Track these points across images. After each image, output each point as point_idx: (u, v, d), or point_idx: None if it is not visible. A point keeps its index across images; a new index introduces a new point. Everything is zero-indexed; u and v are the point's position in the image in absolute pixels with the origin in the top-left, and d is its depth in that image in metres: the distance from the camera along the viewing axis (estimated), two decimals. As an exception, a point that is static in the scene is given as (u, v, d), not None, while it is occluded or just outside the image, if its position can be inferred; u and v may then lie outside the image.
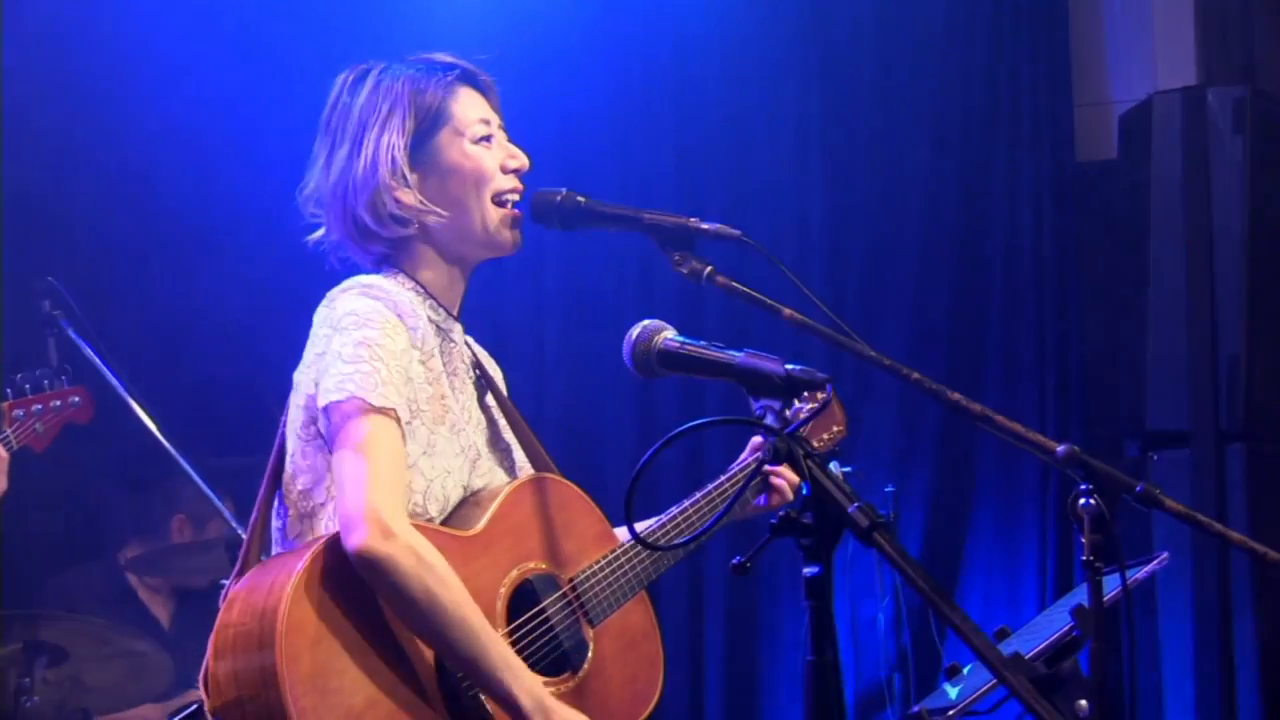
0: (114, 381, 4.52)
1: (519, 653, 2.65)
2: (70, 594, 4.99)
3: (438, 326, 2.80)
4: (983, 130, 6.15)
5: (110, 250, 5.46)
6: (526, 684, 2.57)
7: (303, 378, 2.69)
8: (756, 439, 2.98)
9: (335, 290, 2.72)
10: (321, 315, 2.70)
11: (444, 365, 2.77)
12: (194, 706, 4.19)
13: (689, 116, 5.95)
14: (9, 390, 4.45)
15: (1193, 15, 6.23)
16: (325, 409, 2.61)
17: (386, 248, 2.81)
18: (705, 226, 2.51)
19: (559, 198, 2.67)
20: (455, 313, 2.86)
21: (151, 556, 5.06)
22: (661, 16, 5.94)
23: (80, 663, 4.56)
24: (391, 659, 2.54)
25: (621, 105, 5.90)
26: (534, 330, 5.73)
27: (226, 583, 2.68)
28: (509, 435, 2.91)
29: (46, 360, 4.60)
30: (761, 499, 3.02)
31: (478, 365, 2.91)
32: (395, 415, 2.60)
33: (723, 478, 2.97)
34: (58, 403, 4.50)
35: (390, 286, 2.74)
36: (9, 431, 4.40)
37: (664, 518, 2.90)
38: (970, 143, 6.14)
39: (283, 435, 2.73)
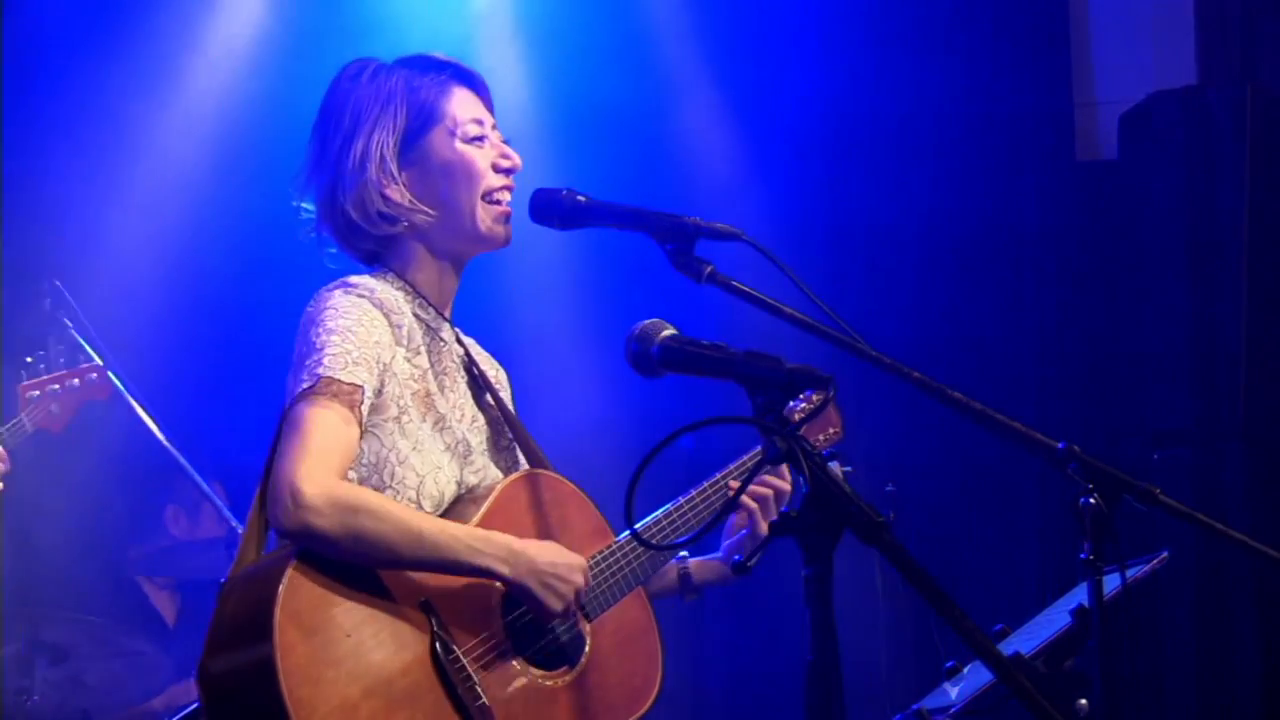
0: (112, 380, 4.51)
1: (515, 647, 2.66)
2: (70, 594, 4.99)
3: (426, 325, 2.81)
4: (983, 130, 6.14)
5: (111, 251, 5.47)
6: (494, 551, 2.61)
7: (289, 379, 2.70)
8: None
9: (321, 290, 2.75)
10: (305, 315, 2.73)
11: (430, 363, 2.79)
12: (194, 706, 4.19)
13: (689, 116, 5.94)
14: (24, 372, 4.41)
15: (1193, 15, 6.22)
16: (292, 399, 2.62)
17: (375, 245, 2.83)
18: (705, 226, 2.51)
19: (559, 197, 2.67)
20: (445, 312, 2.88)
21: (156, 555, 5.06)
22: (661, 15, 5.94)
23: (80, 663, 4.56)
24: (386, 648, 2.54)
25: (621, 105, 5.90)
26: (534, 330, 5.73)
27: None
28: (510, 434, 2.91)
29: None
30: (732, 518, 3.02)
31: (472, 365, 2.91)
32: (359, 394, 2.61)
33: (719, 474, 2.98)
34: (76, 381, 4.45)
35: (376, 285, 2.76)
36: (24, 415, 4.35)
37: (659, 514, 2.91)
38: (970, 142, 6.13)
39: (276, 434, 2.74)
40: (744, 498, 2.93)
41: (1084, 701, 3.33)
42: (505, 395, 3.00)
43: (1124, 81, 6.21)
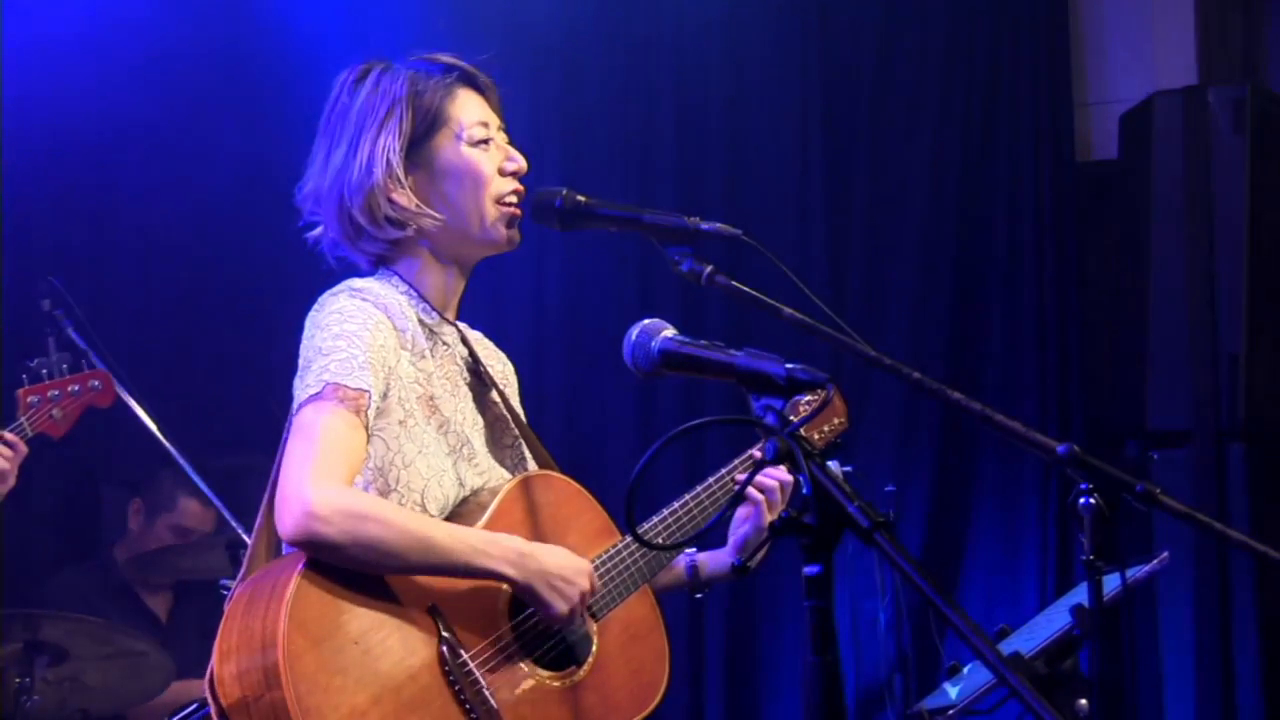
0: (116, 387, 4.50)
1: (523, 649, 2.67)
2: (70, 593, 4.98)
3: (429, 329, 2.81)
4: (983, 130, 6.14)
5: (111, 251, 5.47)
6: (501, 554, 2.62)
7: (295, 384, 2.70)
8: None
9: (325, 295, 2.74)
10: (310, 319, 2.72)
11: (435, 367, 2.78)
12: (194, 706, 4.19)
13: (689, 116, 5.95)
14: (24, 376, 4.38)
15: (1193, 15, 6.22)
16: (299, 405, 2.62)
17: (382, 248, 2.82)
18: (705, 226, 2.51)
19: (559, 197, 2.67)
20: (450, 315, 2.87)
21: (151, 557, 5.05)
22: (661, 16, 5.94)
23: (80, 663, 4.56)
24: (394, 654, 2.54)
25: (621, 104, 5.91)
26: (534, 330, 5.73)
27: (228, 582, 2.69)
28: (515, 432, 2.91)
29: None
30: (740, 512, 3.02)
31: (476, 365, 2.91)
32: (365, 398, 2.61)
33: (722, 470, 2.98)
34: (76, 387, 4.41)
35: (380, 289, 2.75)
36: (24, 419, 4.32)
37: (663, 513, 2.91)
38: (970, 143, 6.13)
39: (285, 439, 2.74)
40: (750, 490, 2.93)
41: (1084, 701, 3.34)
42: (511, 392, 2.99)
43: (1124, 81, 6.21)
